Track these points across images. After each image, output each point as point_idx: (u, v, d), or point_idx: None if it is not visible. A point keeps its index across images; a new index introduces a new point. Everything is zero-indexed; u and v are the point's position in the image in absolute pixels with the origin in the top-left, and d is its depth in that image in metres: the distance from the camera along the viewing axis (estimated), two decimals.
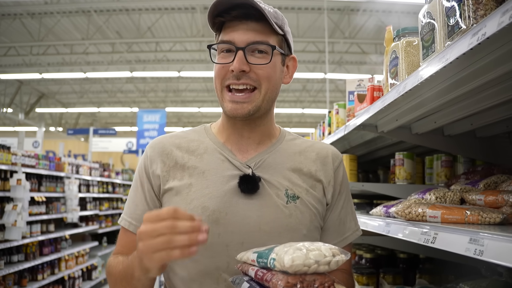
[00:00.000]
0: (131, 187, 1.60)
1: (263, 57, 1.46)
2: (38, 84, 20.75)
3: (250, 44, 1.44)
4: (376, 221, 2.02)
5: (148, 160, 1.56)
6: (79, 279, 8.90)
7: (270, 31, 1.46)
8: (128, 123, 27.51)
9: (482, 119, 2.06)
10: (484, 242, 1.06)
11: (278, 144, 1.60)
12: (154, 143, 1.59)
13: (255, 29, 1.45)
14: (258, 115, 1.51)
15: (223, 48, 1.48)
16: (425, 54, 1.56)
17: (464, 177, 2.19)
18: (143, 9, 13.41)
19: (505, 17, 0.98)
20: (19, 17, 13.71)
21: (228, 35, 1.46)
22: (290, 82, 1.62)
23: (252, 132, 1.56)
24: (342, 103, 3.32)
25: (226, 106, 1.48)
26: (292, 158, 1.57)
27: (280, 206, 1.46)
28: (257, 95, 1.46)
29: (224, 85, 1.48)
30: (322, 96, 21.12)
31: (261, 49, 1.45)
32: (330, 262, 1.10)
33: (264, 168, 1.51)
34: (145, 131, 16.47)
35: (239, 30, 1.44)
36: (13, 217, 6.21)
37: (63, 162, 8.62)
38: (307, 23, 13.92)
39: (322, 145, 1.65)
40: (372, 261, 3.09)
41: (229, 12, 1.44)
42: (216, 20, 1.49)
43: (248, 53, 1.44)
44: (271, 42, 1.47)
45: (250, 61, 1.44)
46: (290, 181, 1.51)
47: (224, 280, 1.41)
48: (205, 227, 1.09)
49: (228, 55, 1.47)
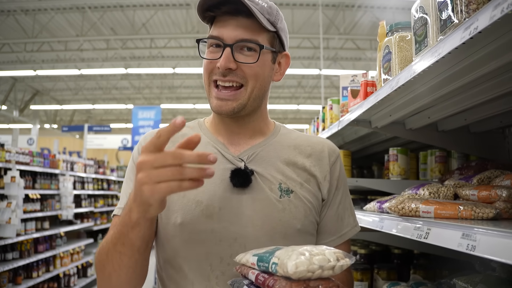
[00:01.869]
0: (125, 179, 1.56)
1: (251, 55, 1.43)
2: (33, 81, 20.68)
3: (239, 41, 1.41)
4: (370, 217, 2.01)
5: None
6: (74, 276, 8.88)
7: (261, 28, 1.44)
8: (123, 120, 27.45)
9: (476, 114, 2.06)
10: (477, 237, 1.05)
11: (272, 137, 1.58)
12: (148, 136, 1.57)
13: (245, 25, 1.42)
14: (245, 113, 1.49)
15: (212, 42, 1.46)
16: (417, 49, 1.56)
17: (458, 173, 2.18)
18: (138, 5, 13.37)
19: (497, 10, 0.97)
20: (13, 14, 13.65)
21: (217, 30, 1.44)
22: (281, 79, 1.60)
23: (242, 128, 1.54)
24: (336, 98, 3.31)
25: (212, 102, 1.47)
26: (286, 152, 1.55)
27: (273, 200, 1.44)
28: (243, 93, 1.44)
29: (211, 80, 1.46)
30: (317, 92, 21.12)
31: (249, 46, 1.43)
32: (335, 267, 1.07)
33: (257, 162, 1.50)
34: (140, 128, 16.45)
35: (229, 26, 1.42)
36: (7, 215, 6.18)
37: (58, 159, 8.59)
38: (302, 19, 13.91)
39: (318, 139, 1.63)
40: (366, 256, 3.08)
41: (219, 7, 1.42)
42: (206, 14, 1.47)
43: (236, 50, 1.42)
44: (261, 40, 1.44)
45: (238, 59, 1.41)
46: (284, 174, 1.49)
47: (216, 277, 1.39)
48: (213, 156, 1.03)
49: (216, 51, 1.45)
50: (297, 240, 1.44)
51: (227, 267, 1.39)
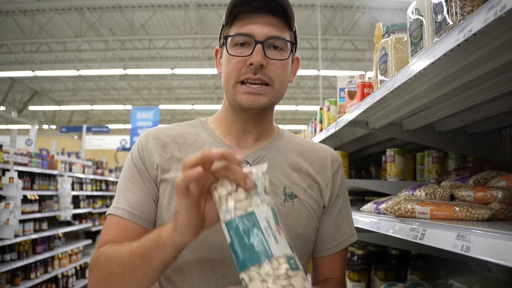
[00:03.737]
0: (122, 177, 1.51)
1: (279, 53, 1.42)
2: (31, 81, 20.66)
3: (270, 38, 1.40)
4: (367, 218, 2.02)
5: (143, 149, 1.49)
6: (73, 278, 8.88)
7: (286, 26, 1.43)
8: (122, 121, 27.40)
9: (473, 115, 2.07)
10: (471, 238, 1.06)
11: (277, 141, 1.57)
12: (149, 133, 1.54)
13: (273, 23, 1.41)
14: (267, 111, 1.49)
15: (238, 41, 1.43)
16: (413, 51, 1.56)
17: (455, 173, 2.19)
18: (136, 6, 13.36)
19: (490, 13, 0.98)
20: (11, 14, 13.63)
21: (245, 28, 1.41)
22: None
23: (255, 127, 1.52)
24: (333, 99, 3.32)
25: (241, 99, 1.41)
26: (291, 156, 1.54)
27: (277, 204, 1.42)
28: (272, 90, 1.42)
29: (239, 80, 1.41)
30: (315, 93, 21.13)
31: (277, 44, 1.42)
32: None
33: None
34: (138, 129, 16.42)
35: (257, 23, 1.40)
36: (5, 216, 6.18)
37: (56, 160, 8.58)
38: (300, 20, 13.90)
39: (321, 147, 1.63)
40: (364, 257, 3.09)
41: (249, 2, 1.39)
42: (235, 10, 1.42)
43: (265, 47, 1.40)
44: (288, 38, 1.44)
45: (269, 56, 1.40)
46: (288, 179, 1.48)
47: (216, 280, 1.38)
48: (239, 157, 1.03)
49: (244, 49, 1.42)
50: (298, 245, 1.41)
51: (228, 271, 1.37)
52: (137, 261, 1.19)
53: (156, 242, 1.16)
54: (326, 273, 1.57)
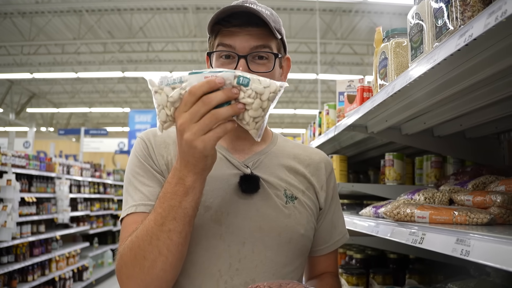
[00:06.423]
0: (130, 177, 1.45)
1: (264, 63, 1.43)
2: (29, 84, 20.63)
3: (253, 50, 1.41)
4: (365, 222, 2.02)
5: (148, 147, 1.47)
6: (70, 280, 8.85)
7: (270, 35, 1.43)
8: (120, 124, 27.38)
9: (472, 120, 2.08)
10: (471, 242, 1.06)
11: (272, 145, 1.59)
12: (149, 133, 1.52)
13: (256, 34, 1.41)
14: None
15: (221, 53, 1.44)
16: (413, 55, 1.57)
17: (454, 178, 2.19)
18: (135, 9, 13.37)
19: (491, 18, 0.98)
20: (10, 16, 13.62)
21: (228, 39, 1.41)
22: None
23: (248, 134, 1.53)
24: (332, 103, 3.33)
25: None
26: (287, 160, 1.57)
27: (280, 206, 1.46)
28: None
29: None
30: (314, 97, 21.15)
31: (261, 55, 1.42)
32: None
33: (262, 168, 1.51)
34: (137, 132, 16.43)
35: (240, 36, 1.40)
36: (3, 218, 6.17)
37: (54, 163, 8.57)
38: (299, 23, 13.94)
39: (313, 150, 1.68)
40: (362, 261, 3.09)
41: (229, 20, 1.40)
42: (215, 28, 1.44)
43: (249, 60, 1.41)
44: (272, 48, 1.45)
45: (252, 69, 1.40)
46: (287, 182, 1.52)
47: (225, 282, 1.38)
48: (235, 90, 1.13)
49: (227, 62, 1.43)
50: (300, 244, 1.49)
51: (236, 272, 1.39)
52: (170, 224, 1.21)
53: (183, 192, 1.21)
54: (323, 269, 1.67)
